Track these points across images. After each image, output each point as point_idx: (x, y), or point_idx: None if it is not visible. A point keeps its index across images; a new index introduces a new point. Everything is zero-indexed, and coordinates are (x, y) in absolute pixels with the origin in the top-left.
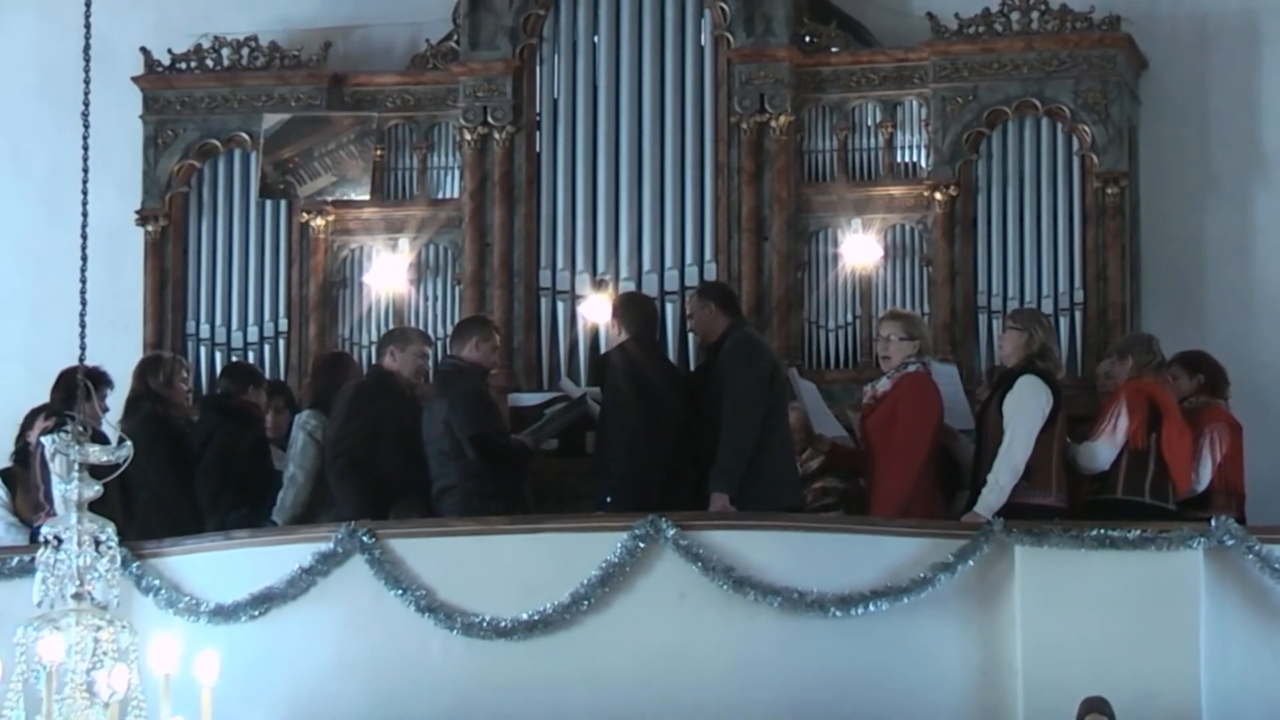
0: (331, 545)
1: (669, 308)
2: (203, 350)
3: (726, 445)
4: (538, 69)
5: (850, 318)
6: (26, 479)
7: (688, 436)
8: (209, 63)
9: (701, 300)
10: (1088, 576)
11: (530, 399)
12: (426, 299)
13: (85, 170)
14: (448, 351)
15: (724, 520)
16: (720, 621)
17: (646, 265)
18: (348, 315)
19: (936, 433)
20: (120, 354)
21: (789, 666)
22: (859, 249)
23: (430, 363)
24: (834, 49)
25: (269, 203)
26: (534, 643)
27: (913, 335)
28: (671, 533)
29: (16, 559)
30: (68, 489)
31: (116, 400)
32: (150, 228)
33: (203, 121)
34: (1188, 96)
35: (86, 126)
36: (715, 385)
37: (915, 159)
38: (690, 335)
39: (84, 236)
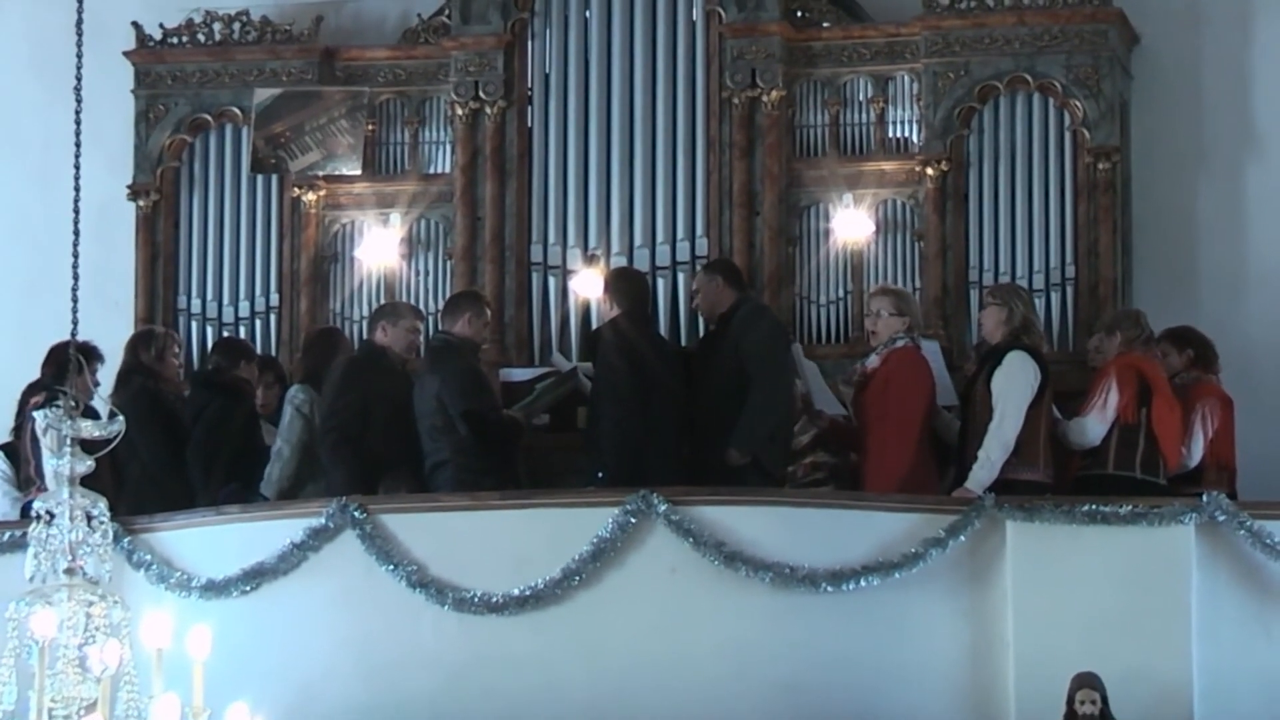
0: (323, 520)
1: (660, 282)
2: (194, 325)
3: (756, 401)
4: (529, 44)
5: (842, 293)
6: None
7: (680, 411)
8: (200, 37)
9: (708, 275)
10: (1079, 552)
11: (521, 374)
12: (418, 274)
13: (77, 145)
14: (439, 326)
15: (715, 495)
16: (711, 597)
17: (638, 240)
18: (339, 290)
19: (929, 407)
20: (111, 329)
21: (780, 642)
22: (850, 224)
23: (422, 338)
24: (825, 24)
25: (260, 177)
26: (525, 618)
27: (902, 311)
28: (663, 508)
29: (8, 534)
30: (59, 464)
31: (107, 375)
32: (141, 202)
33: (194, 96)
34: (1180, 71)
35: (78, 101)
36: (724, 356)
37: (907, 134)
38: (682, 310)
39: (76, 211)
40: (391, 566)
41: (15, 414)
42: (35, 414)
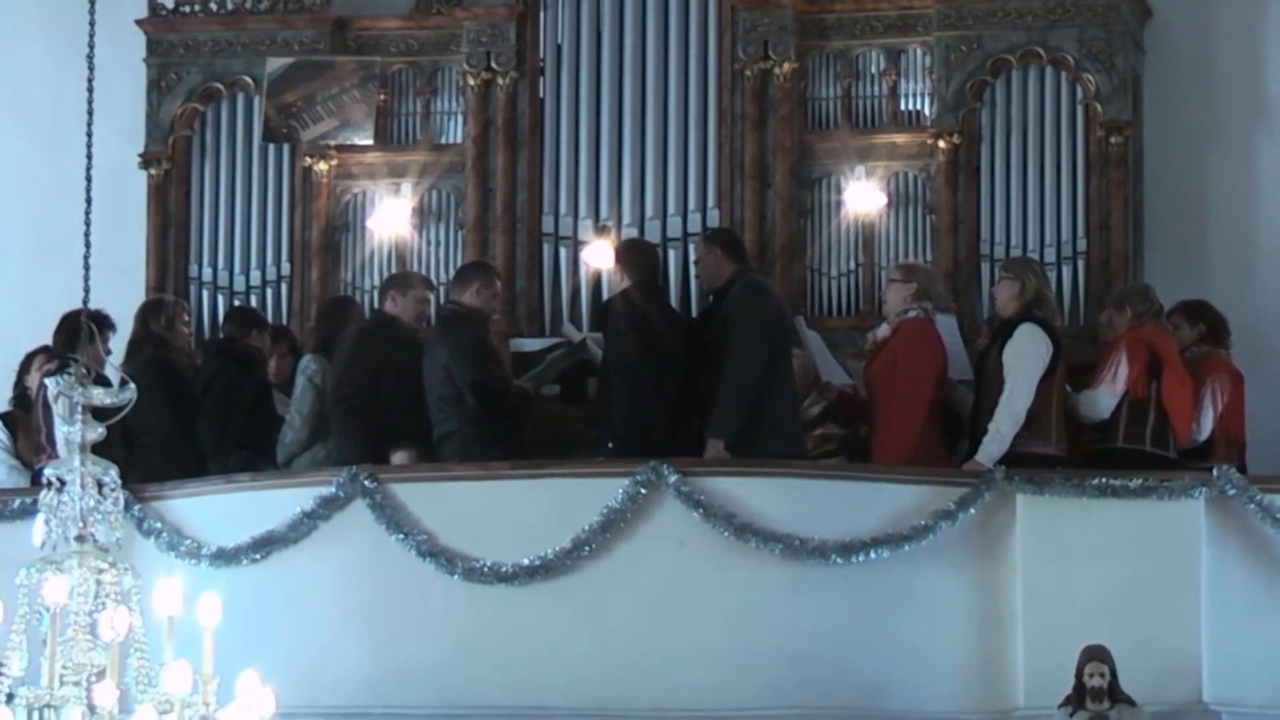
0: (333, 489)
1: (671, 254)
2: (205, 294)
3: (727, 391)
4: (541, 14)
5: (853, 265)
6: (28, 422)
7: (690, 382)
8: (212, 6)
9: (708, 246)
10: (1089, 525)
11: (532, 344)
12: (429, 244)
13: (89, 113)
14: (449, 297)
15: (725, 467)
16: (721, 568)
17: (649, 211)
18: (350, 260)
19: (939, 379)
20: (122, 297)
21: (789, 613)
22: (862, 197)
23: (432, 308)
24: None
25: (272, 147)
26: (534, 588)
27: (907, 279)
28: (673, 479)
29: (19, 501)
30: (71, 431)
31: (118, 344)
32: (153, 171)
33: (206, 65)
34: (1192, 46)
35: (90, 69)
36: (719, 330)
37: (919, 107)
38: (693, 281)
39: (88, 179)
40: (401, 536)
41: (14, 382)
42: (47, 381)
